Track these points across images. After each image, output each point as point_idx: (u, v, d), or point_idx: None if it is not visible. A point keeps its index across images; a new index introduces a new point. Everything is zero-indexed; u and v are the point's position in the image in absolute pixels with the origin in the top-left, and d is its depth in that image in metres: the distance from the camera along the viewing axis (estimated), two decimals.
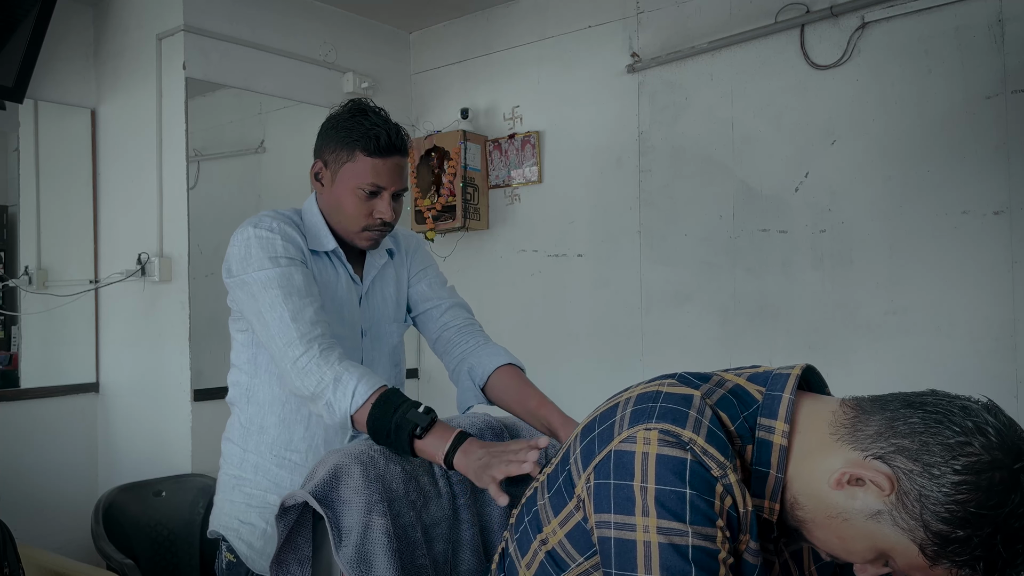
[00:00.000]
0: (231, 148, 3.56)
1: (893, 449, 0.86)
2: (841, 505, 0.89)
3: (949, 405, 0.87)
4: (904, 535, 0.85)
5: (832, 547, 0.93)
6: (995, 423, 0.84)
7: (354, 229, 1.53)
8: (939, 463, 0.83)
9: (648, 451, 0.90)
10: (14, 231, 3.21)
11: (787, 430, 0.93)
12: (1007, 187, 2.37)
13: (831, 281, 2.67)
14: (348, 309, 1.58)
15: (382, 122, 1.50)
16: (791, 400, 0.94)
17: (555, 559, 1.01)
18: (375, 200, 1.50)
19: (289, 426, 1.58)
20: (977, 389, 2.56)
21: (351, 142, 1.49)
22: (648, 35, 3.09)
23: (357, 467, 1.20)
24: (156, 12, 3.01)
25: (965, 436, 0.83)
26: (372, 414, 1.28)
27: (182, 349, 2.91)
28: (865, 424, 0.89)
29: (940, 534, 0.83)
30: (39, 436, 3.02)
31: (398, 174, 1.52)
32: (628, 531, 0.89)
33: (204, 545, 2.83)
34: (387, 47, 3.72)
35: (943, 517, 0.82)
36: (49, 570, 2.34)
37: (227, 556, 1.60)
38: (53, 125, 3.20)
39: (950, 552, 0.83)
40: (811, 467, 0.92)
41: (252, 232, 1.49)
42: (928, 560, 0.85)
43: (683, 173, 3.01)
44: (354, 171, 1.49)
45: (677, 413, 0.92)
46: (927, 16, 2.49)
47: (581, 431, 1.04)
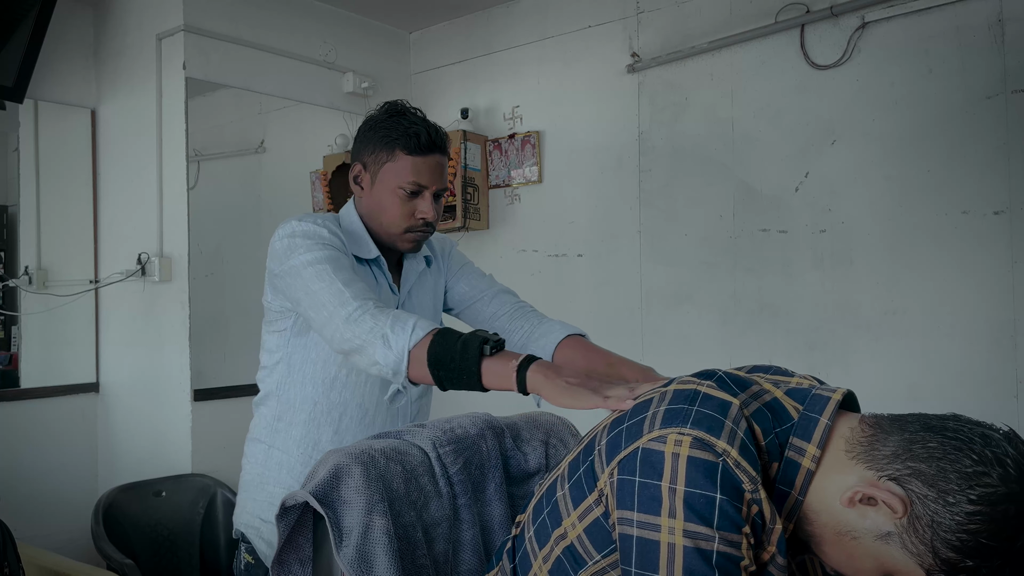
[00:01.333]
0: (231, 148, 3.56)
1: (909, 472, 0.85)
2: (852, 523, 0.88)
3: (970, 432, 0.86)
4: (912, 559, 0.85)
5: (839, 564, 0.92)
6: (1015, 455, 0.83)
7: (396, 231, 1.50)
8: (955, 491, 0.82)
9: (679, 452, 0.88)
10: (14, 231, 3.20)
11: (818, 455, 0.91)
12: (1007, 187, 2.37)
13: (831, 281, 2.67)
14: None
15: (420, 121, 1.49)
16: (827, 426, 0.92)
17: (574, 555, 1.00)
18: (416, 200, 1.49)
19: (319, 426, 1.56)
20: (977, 389, 2.57)
21: (391, 141, 1.47)
22: (648, 35, 3.09)
23: (358, 467, 1.20)
24: (156, 12, 3.01)
25: (984, 466, 0.82)
26: (435, 341, 1.22)
27: (182, 349, 2.91)
28: (883, 444, 0.89)
29: (949, 561, 0.82)
30: (39, 436, 3.02)
31: (439, 172, 1.50)
32: (652, 531, 0.88)
33: (204, 545, 2.83)
34: (387, 47, 3.72)
35: (954, 545, 0.82)
36: (49, 570, 2.34)
37: (246, 557, 1.59)
38: (53, 125, 3.20)
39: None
40: (824, 483, 0.91)
41: (296, 225, 1.46)
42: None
43: (683, 173, 3.01)
44: (395, 170, 1.47)
45: (713, 421, 0.90)
46: (927, 16, 2.49)
47: (611, 422, 1.01)
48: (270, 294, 1.55)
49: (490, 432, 1.41)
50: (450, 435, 1.34)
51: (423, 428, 1.35)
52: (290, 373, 1.56)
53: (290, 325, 1.54)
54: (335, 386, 1.54)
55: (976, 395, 2.41)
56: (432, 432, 1.34)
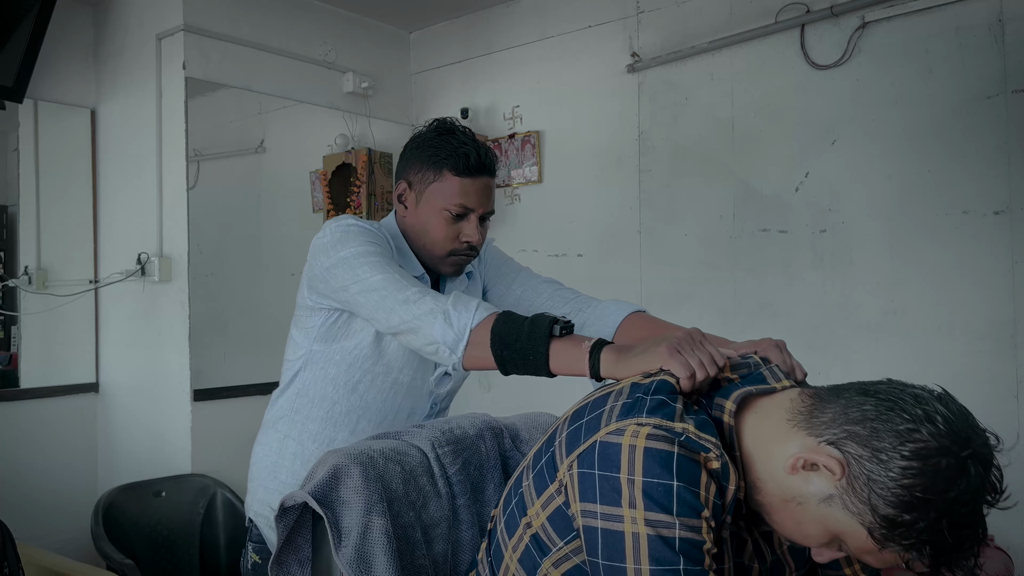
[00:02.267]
0: (231, 148, 3.56)
1: (845, 435, 0.88)
2: (796, 489, 0.92)
3: (902, 393, 0.89)
4: (854, 519, 0.87)
5: (789, 530, 0.95)
6: (945, 412, 0.86)
7: (439, 253, 1.46)
8: (888, 449, 0.85)
9: (636, 444, 0.91)
10: (14, 231, 3.20)
11: (734, 409, 0.96)
12: (1007, 187, 2.37)
13: (831, 281, 2.67)
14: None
15: (470, 141, 1.45)
16: (750, 391, 0.99)
17: (539, 543, 1.02)
18: (462, 223, 1.44)
19: (335, 425, 1.54)
20: (977, 389, 2.57)
21: (439, 161, 1.43)
22: (648, 35, 3.09)
23: (356, 467, 1.20)
24: (156, 12, 3.01)
25: (915, 423, 0.85)
26: (500, 321, 1.17)
27: (182, 349, 2.91)
28: (821, 411, 0.92)
29: (887, 518, 0.84)
30: (39, 436, 3.02)
31: (487, 195, 1.45)
32: (615, 522, 0.90)
33: (204, 545, 2.83)
34: (387, 47, 3.72)
35: (890, 501, 0.84)
36: (49, 570, 2.34)
37: (253, 557, 1.58)
38: (53, 125, 3.20)
39: (897, 536, 0.85)
40: (769, 452, 0.94)
41: (351, 221, 1.43)
42: (877, 543, 0.87)
43: (683, 173, 3.00)
44: (441, 191, 1.43)
45: (667, 406, 0.94)
46: (927, 16, 2.49)
47: (571, 415, 1.04)
48: (306, 290, 1.52)
49: (489, 433, 1.41)
50: (449, 436, 1.34)
51: (422, 428, 1.35)
52: (312, 371, 1.54)
53: (319, 324, 1.51)
54: (357, 389, 1.52)
55: (976, 395, 2.40)
56: (431, 433, 1.34)
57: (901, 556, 0.86)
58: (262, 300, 3.56)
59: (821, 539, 0.92)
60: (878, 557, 0.89)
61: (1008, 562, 2.09)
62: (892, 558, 0.88)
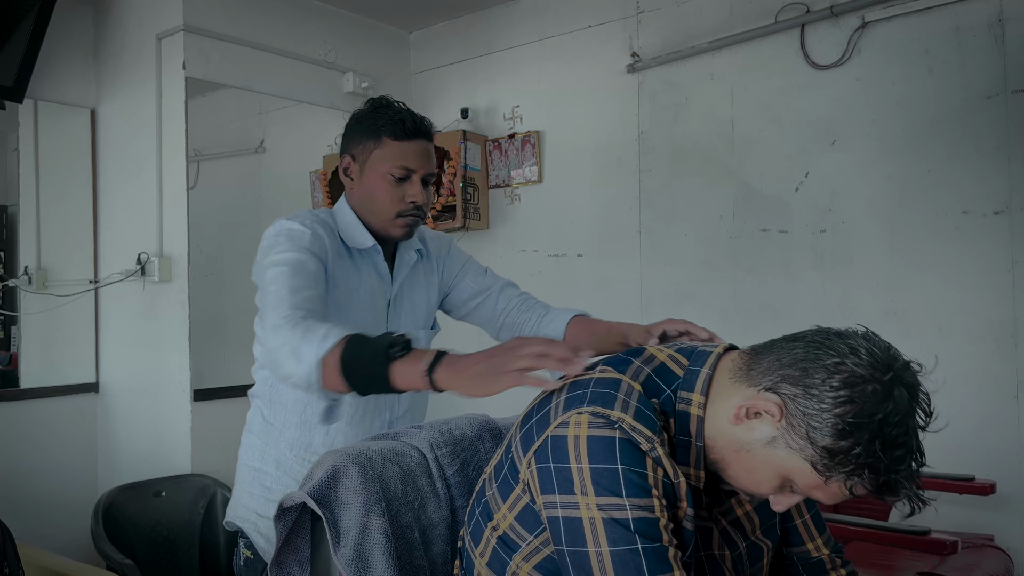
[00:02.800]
0: (231, 148, 3.56)
1: (779, 379, 0.94)
2: (742, 438, 0.97)
3: (827, 334, 0.96)
4: (797, 455, 0.93)
5: (744, 482, 0.99)
6: (867, 345, 0.93)
7: (388, 216, 1.52)
8: (818, 384, 0.91)
9: (579, 434, 0.96)
10: (14, 231, 3.21)
11: (703, 401, 1.01)
12: (1007, 187, 2.37)
13: (831, 281, 2.67)
14: (375, 312, 1.58)
15: (405, 110, 1.53)
16: (708, 375, 1.02)
17: (506, 542, 1.06)
18: (406, 184, 1.51)
19: (309, 429, 1.57)
20: (977, 389, 2.57)
21: (377, 130, 1.51)
22: (648, 35, 3.09)
23: (355, 468, 1.20)
24: (156, 12, 3.01)
25: (840, 357, 0.91)
26: (346, 349, 1.16)
27: (182, 349, 2.91)
28: (757, 364, 0.98)
29: (826, 448, 0.90)
30: (39, 436, 3.02)
31: (426, 157, 1.53)
32: (573, 509, 0.95)
33: (204, 545, 2.83)
34: (387, 47, 3.72)
35: (826, 432, 0.90)
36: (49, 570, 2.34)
37: (245, 552, 1.59)
38: (53, 125, 3.20)
39: (837, 464, 0.90)
40: (716, 410, 1.00)
41: (285, 225, 1.47)
42: (821, 476, 0.92)
43: (683, 173, 3.00)
44: (382, 156, 1.51)
45: (606, 396, 0.99)
46: (927, 16, 2.49)
47: (521, 420, 1.09)
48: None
49: (488, 434, 1.40)
50: (447, 437, 1.34)
51: (420, 430, 1.35)
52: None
53: None
54: None
55: (976, 395, 2.41)
56: (429, 434, 1.33)
57: (845, 484, 0.91)
58: None
59: (773, 483, 0.96)
60: (826, 491, 0.93)
61: (1008, 562, 2.09)
62: (837, 489, 0.92)
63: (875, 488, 0.91)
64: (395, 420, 1.62)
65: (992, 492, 2.20)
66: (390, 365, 1.13)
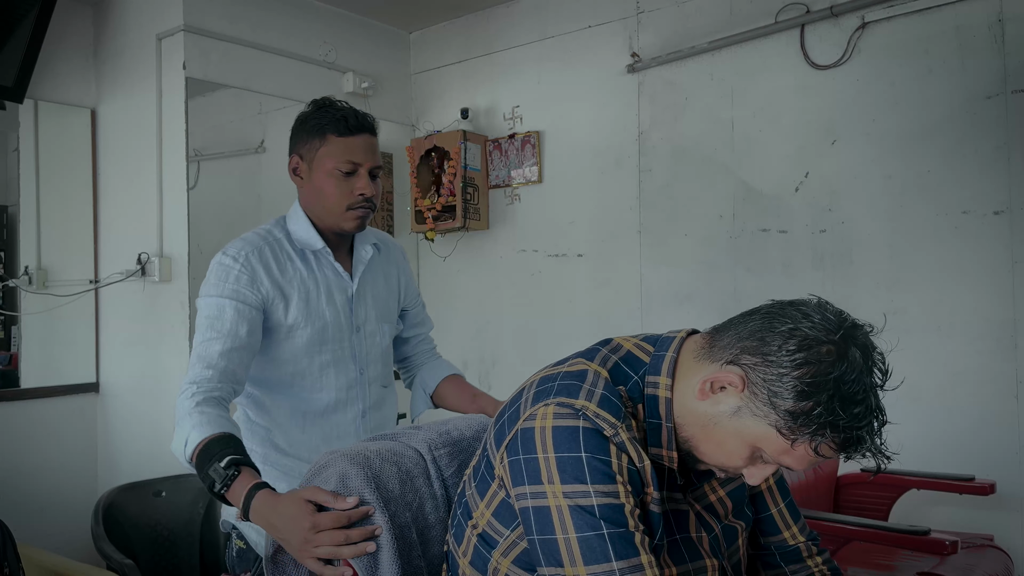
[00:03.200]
0: (231, 148, 3.56)
1: (739, 351, 0.98)
2: (709, 412, 1.00)
3: (781, 305, 1.00)
4: (762, 421, 0.95)
5: (716, 457, 1.02)
6: (819, 311, 0.98)
7: (338, 211, 1.57)
8: (775, 350, 0.95)
9: (545, 424, 0.99)
10: (14, 231, 3.21)
11: (670, 383, 1.04)
12: (1007, 187, 2.37)
13: (831, 281, 2.67)
14: (336, 307, 1.63)
15: (347, 107, 1.58)
16: (673, 358, 1.06)
17: (485, 539, 1.09)
18: (353, 179, 1.56)
19: (291, 427, 1.63)
20: (977, 389, 2.57)
21: (321, 128, 1.56)
22: (648, 35, 3.09)
23: (353, 468, 1.20)
24: (156, 12, 3.01)
25: (794, 323, 0.96)
26: (199, 461, 1.35)
27: (182, 349, 2.90)
28: (719, 340, 1.02)
29: (788, 411, 0.93)
30: (39, 436, 3.02)
31: (371, 151, 1.58)
32: (541, 499, 0.98)
33: (204, 545, 2.83)
34: (387, 47, 3.72)
35: (787, 396, 0.93)
36: (49, 570, 2.34)
37: (237, 543, 1.63)
38: (53, 125, 3.20)
39: (800, 426, 0.93)
40: (683, 390, 1.03)
41: (219, 259, 1.55)
42: (787, 439, 0.95)
43: (683, 173, 3.01)
44: (328, 153, 1.55)
45: (571, 387, 1.02)
46: (927, 16, 2.49)
47: (495, 417, 1.12)
48: None
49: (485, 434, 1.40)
50: (445, 438, 1.34)
51: (419, 431, 1.36)
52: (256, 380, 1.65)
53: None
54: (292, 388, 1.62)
55: (976, 395, 2.41)
56: (427, 434, 1.34)
57: (810, 446, 0.94)
58: None
59: (743, 453, 0.99)
60: (794, 456, 0.96)
61: (1008, 562, 2.09)
62: (804, 452, 0.95)
63: (839, 446, 0.94)
64: (367, 410, 1.68)
65: (992, 492, 2.20)
66: (224, 493, 1.28)
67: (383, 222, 3.60)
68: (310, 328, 1.58)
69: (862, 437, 0.93)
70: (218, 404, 1.45)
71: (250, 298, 1.52)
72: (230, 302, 1.50)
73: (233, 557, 1.65)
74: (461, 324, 3.61)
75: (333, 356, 1.61)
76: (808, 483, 2.25)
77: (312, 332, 1.58)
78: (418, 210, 3.52)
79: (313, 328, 1.58)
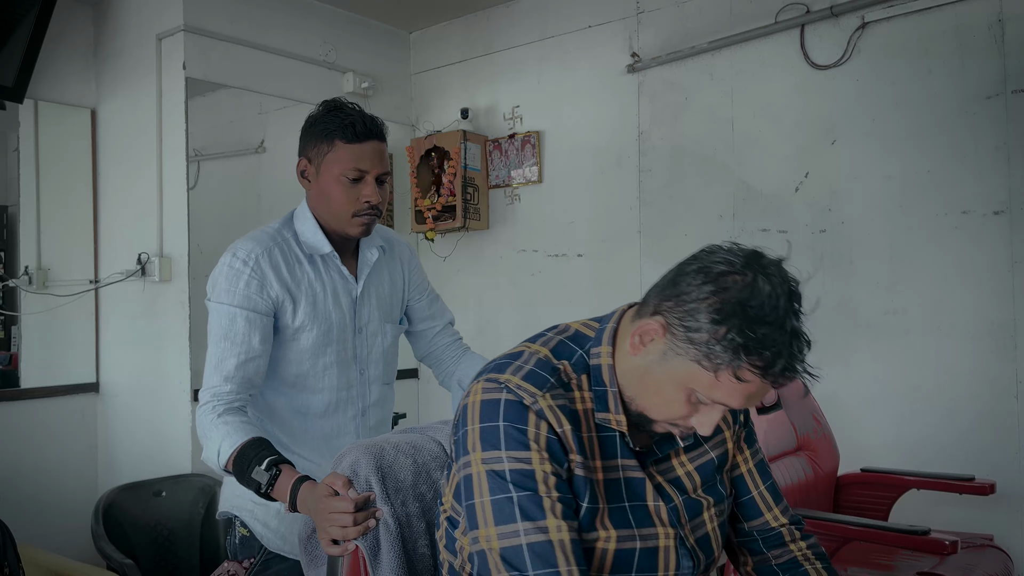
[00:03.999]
0: (231, 148, 3.56)
1: (658, 301, 1.04)
2: (642, 364, 1.05)
3: (694, 253, 1.05)
4: (685, 359, 1.00)
5: (658, 408, 1.06)
6: (725, 249, 1.02)
7: (344, 217, 1.58)
8: (687, 289, 1.00)
9: (475, 399, 1.07)
10: (14, 231, 3.21)
11: (611, 351, 1.10)
12: (1007, 187, 2.37)
13: (831, 281, 2.67)
14: (342, 310, 1.65)
15: (356, 112, 1.58)
16: (613, 328, 1.12)
17: (451, 521, 1.16)
18: (360, 185, 1.56)
19: (291, 424, 1.65)
20: (977, 389, 2.56)
21: (329, 133, 1.56)
22: (648, 35, 3.09)
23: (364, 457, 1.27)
24: (156, 12, 3.01)
25: (703, 262, 1.01)
26: (236, 466, 1.40)
27: (182, 349, 2.91)
28: (645, 301, 1.08)
29: (705, 342, 0.98)
30: (39, 436, 3.02)
31: (378, 158, 1.58)
32: (468, 468, 1.06)
33: (204, 545, 2.83)
34: (387, 47, 3.72)
35: (702, 328, 0.97)
36: (49, 570, 2.34)
37: (240, 531, 1.65)
38: (53, 125, 3.20)
39: (717, 353, 0.96)
40: (621, 354, 1.09)
41: (228, 260, 1.56)
42: (710, 371, 0.98)
43: (683, 173, 3.01)
44: (336, 159, 1.56)
45: (502, 365, 1.10)
46: (927, 16, 2.49)
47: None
48: None
49: None
50: None
51: (445, 424, 1.41)
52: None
53: None
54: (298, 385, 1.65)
55: (976, 395, 2.41)
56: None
57: (732, 374, 0.97)
58: None
59: (680, 397, 1.03)
60: (723, 389, 0.99)
61: (1008, 562, 2.09)
62: (729, 382, 0.98)
63: (759, 369, 0.96)
64: (367, 408, 1.71)
65: (992, 492, 2.20)
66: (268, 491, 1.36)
67: (383, 222, 3.60)
68: (316, 330, 1.60)
69: (777, 358, 0.96)
70: (239, 412, 1.49)
71: (260, 305, 1.54)
72: (241, 311, 1.52)
73: (236, 544, 1.66)
74: (461, 324, 3.58)
75: (336, 357, 1.63)
76: (808, 483, 2.25)
77: (318, 334, 1.60)
78: (418, 210, 3.52)
79: (319, 330, 1.60)
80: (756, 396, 1.01)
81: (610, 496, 1.08)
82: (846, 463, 2.40)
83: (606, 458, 1.09)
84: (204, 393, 1.50)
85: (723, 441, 1.20)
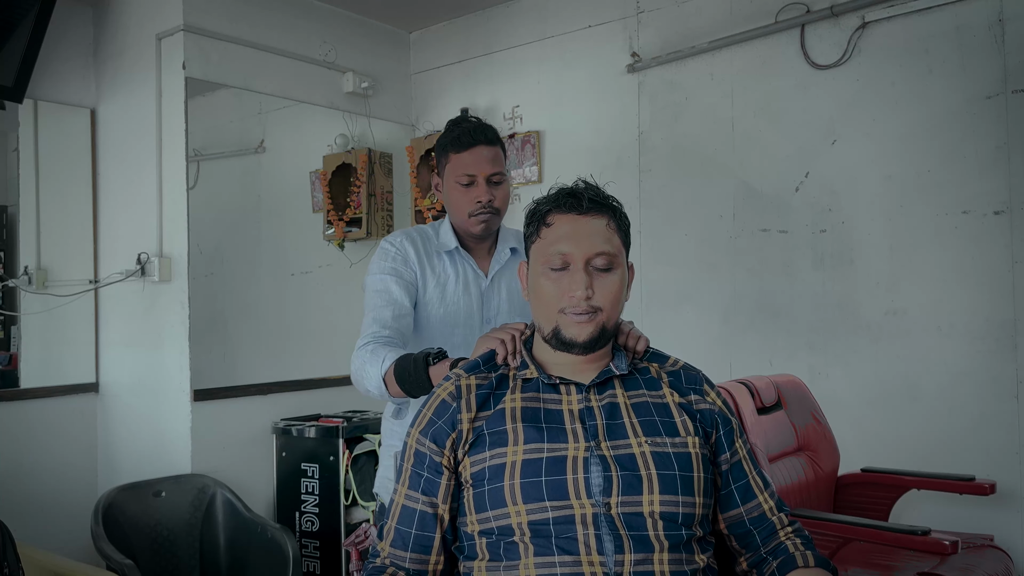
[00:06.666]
0: (231, 148, 3.56)
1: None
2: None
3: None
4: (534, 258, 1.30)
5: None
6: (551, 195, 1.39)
7: (464, 217, 1.77)
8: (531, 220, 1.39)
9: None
10: (14, 231, 3.20)
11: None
12: (1007, 187, 2.37)
13: (831, 281, 2.67)
14: (471, 298, 1.83)
15: (465, 123, 1.79)
16: None
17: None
18: (473, 188, 1.75)
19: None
20: (977, 389, 2.56)
21: (445, 147, 1.79)
22: (648, 35, 3.09)
23: None
24: (156, 12, 3.01)
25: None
26: (397, 365, 1.53)
27: (182, 349, 2.91)
28: None
29: (531, 236, 1.32)
30: (39, 436, 3.02)
31: (485, 161, 1.75)
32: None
33: (204, 545, 2.83)
34: (387, 47, 3.72)
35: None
36: (49, 570, 2.34)
37: (381, 500, 1.82)
38: (53, 125, 3.20)
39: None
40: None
41: (381, 245, 1.82)
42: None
43: (683, 173, 3.01)
44: (451, 170, 1.77)
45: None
46: (927, 16, 2.49)
47: None
48: None
49: None
50: None
51: None
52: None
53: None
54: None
55: (976, 395, 2.41)
56: None
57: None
58: (262, 300, 3.56)
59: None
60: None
61: (1008, 562, 2.09)
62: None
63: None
64: None
65: (992, 492, 2.20)
66: (429, 370, 1.49)
67: (383, 222, 3.60)
68: (443, 309, 1.80)
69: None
70: (396, 346, 1.65)
71: (406, 274, 1.78)
72: (391, 277, 1.77)
73: (377, 512, 1.92)
74: None
75: (463, 340, 1.80)
76: (808, 483, 2.25)
77: (444, 313, 1.80)
78: (418, 210, 3.52)
79: (446, 310, 1.80)
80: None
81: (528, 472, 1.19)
82: (846, 463, 2.39)
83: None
84: (362, 339, 1.66)
85: (684, 444, 1.21)
